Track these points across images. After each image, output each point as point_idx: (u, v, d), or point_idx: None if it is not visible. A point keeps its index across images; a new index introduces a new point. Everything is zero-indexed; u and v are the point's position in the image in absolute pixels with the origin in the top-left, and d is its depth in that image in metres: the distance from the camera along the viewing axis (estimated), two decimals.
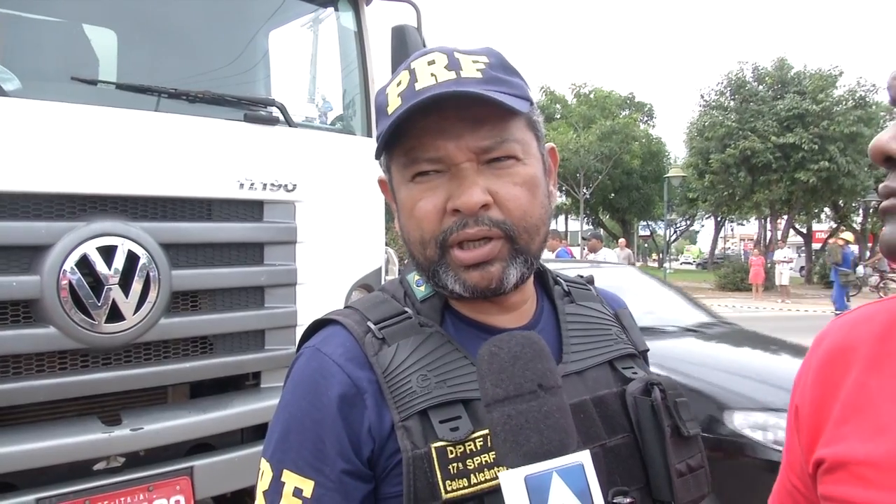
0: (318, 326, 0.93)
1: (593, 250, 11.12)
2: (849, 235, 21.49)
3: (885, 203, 0.74)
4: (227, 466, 2.56)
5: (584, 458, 0.71)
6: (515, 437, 0.69)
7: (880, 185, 0.76)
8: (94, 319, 2.27)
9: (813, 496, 0.83)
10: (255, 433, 2.73)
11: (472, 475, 0.79)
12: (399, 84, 0.86)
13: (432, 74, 0.84)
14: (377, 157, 0.91)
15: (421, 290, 0.93)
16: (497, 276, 0.85)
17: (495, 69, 0.86)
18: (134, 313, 2.35)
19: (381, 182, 0.97)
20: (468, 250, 0.84)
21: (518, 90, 0.86)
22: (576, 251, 15.12)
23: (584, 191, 31.13)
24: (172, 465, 2.45)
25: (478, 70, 0.85)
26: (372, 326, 0.88)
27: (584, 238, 16.08)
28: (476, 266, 0.84)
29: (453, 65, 0.85)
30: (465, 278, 0.85)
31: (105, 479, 2.32)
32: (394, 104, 0.85)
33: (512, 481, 0.68)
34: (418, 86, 0.83)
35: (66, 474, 2.28)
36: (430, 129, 0.83)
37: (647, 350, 1.04)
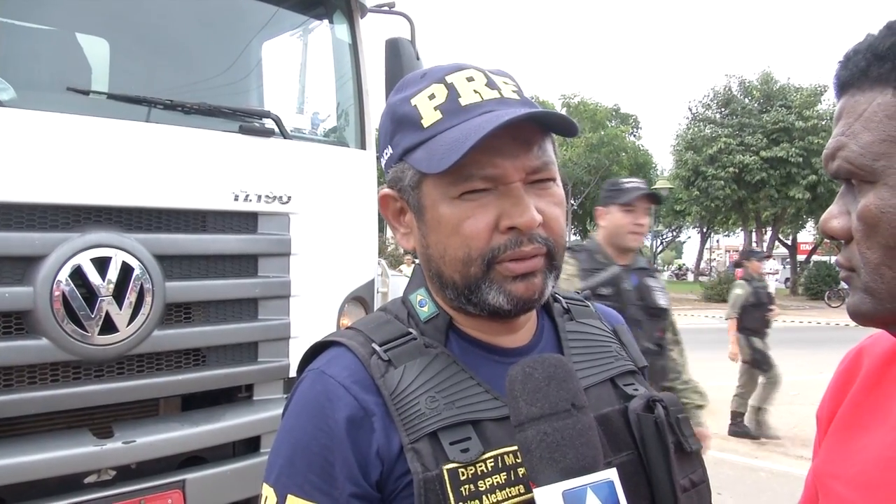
0: (320, 348, 0.92)
1: None
2: None
3: (842, 275, 0.79)
4: (218, 479, 2.54)
5: (612, 474, 0.73)
6: (552, 454, 0.72)
7: (838, 257, 0.81)
8: (86, 331, 2.26)
9: None
10: (247, 446, 2.71)
11: (483, 496, 0.79)
12: (433, 97, 0.86)
13: (475, 91, 0.85)
14: (443, 170, 0.81)
15: (424, 311, 0.93)
16: (539, 287, 0.86)
17: (520, 92, 0.88)
18: (127, 325, 2.33)
19: (385, 197, 0.94)
20: (520, 262, 0.85)
21: None
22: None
23: (573, 202, 31.22)
24: (164, 478, 2.43)
25: (513, 91, 0.87)
26: (377, 348, 0.87)
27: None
28: (523, 277, 0.85)
29: (492, 84, 0.86)
30: (510, 289, 0.85)
31: (96, 492, 2.29)
32: (431, 117, 0.85)
33: (549, 496, 0.70)
34: (463, 101, 0.84)
35: (56, 488, 2.25)
36: (485, 148, 0.81)
37: (646, 366, 1.05)
